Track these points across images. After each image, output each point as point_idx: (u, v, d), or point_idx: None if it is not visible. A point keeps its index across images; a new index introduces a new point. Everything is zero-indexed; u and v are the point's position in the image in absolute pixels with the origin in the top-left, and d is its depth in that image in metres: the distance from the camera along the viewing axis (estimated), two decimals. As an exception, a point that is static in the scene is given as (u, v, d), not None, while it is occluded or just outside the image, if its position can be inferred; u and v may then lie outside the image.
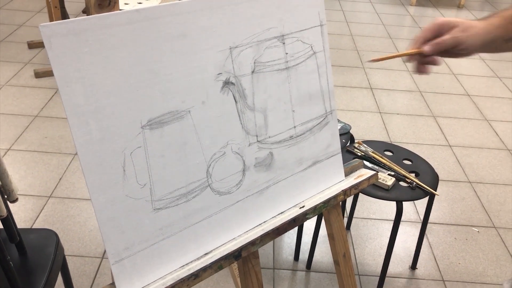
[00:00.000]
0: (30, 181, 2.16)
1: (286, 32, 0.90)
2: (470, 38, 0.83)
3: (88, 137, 0.70)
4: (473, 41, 0.84)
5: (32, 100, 2.76)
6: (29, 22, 3.74)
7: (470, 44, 0.84)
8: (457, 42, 0.83)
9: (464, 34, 0.83)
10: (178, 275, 0.82)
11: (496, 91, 3.32)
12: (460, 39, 0.83)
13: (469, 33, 0.83)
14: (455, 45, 0.84)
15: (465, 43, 0.83)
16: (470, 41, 0.83)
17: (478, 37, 0.84)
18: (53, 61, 0.66)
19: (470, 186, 2.38)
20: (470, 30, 0.83)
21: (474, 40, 0.84)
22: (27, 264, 1.19)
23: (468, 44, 0.84)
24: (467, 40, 0.83)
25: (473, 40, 0.84)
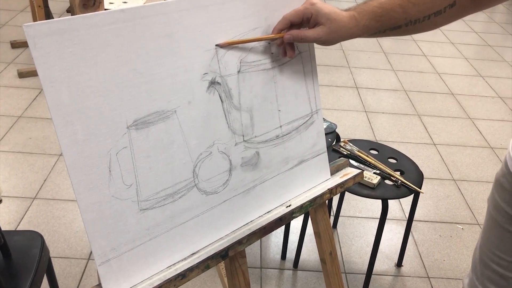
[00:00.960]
0: (14, 183, 2.14)
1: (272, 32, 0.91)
2: (332, 40, 0.85)
3: (73, 137, 0.70)
4: (334, 42, 0.86)
5: (16, 101, 2.73)
6: (12, 21, 3.69)
7: (331, 43, 0.86)
8: (319, 41, 0.85)
9: (327, 37, 0.84)
10: (165, 276, 0.82)
11: (479, 90, 3.37)
12: (322, 39, 0.84)
13: (332, 36, 0.84)
14: (316, 42, 0.86)
15: (326, 43, 0.85)
16: (331, 42, 0.85)
17: (341, 38, 0.85)
18: (38, 61, 0.66)
19: (454, 183, 2.41)
20: (334, 33, 0.84)
21: (335, 42, 0.85)
22: (12, 267, 1.18)
23: (330, 43, 0.86)
24: (328, 41, 0.85)
25: (334, 41, 0.85)
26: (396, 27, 0.85)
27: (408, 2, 0.83)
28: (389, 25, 0.85)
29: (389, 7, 0.83)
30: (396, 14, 0.83)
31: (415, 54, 3.84)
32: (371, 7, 0.84)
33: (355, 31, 0.84)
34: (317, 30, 0.84)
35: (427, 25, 0.85)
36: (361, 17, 0.84)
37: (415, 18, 0.84)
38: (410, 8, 0.83)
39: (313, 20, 0.85)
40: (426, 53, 3.86)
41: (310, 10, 0.84)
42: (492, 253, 0.99)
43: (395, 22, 0.84)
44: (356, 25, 0.84)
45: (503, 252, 0.96)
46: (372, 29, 0.85)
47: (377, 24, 0.84)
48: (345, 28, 0.84)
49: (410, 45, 3.98)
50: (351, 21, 0.84)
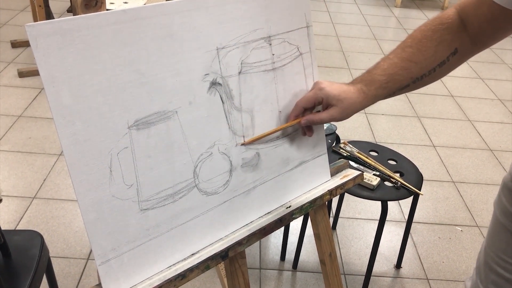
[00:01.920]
0: (14, 182, 2.14)
1: (273, 33, 0.91)
2: (345, 116, 0.89)
3: (74, 137, 0.70)
4: (348, 117, 0.90)
5: (16, 100, 2.73)
6: (12, 21, 3.70)
7: (346, 118, 0.90)
8: (333, 120, 0.90)
9: (341, 115, 0.88)
10: (165, 276, 0.82)
11: (479, 92, 3.38)
12: (336, 119, 0.89)
13: (345, 114, 0.88)
14: (332, 121, 0.91)
15: (342, 120, 0.90)
16: (345, 118, 0.90)
17: (354, 112, 0.89)
18: (39, 61, 0.66)
19: (454, 185, 2.41)
20: (347, 110, 0.88)
21: (349, 116, 0.89)
22: (11, 266, 1.18)
23: (345, 119, 0.90)
24: (342, 118, 0.89)
25: (348, 117, 0.89)
26: (404, 86, 0.88)
27: (409, 62, 0.85)
28: (397, 88, 0.87)
29: (393, 72, 0.86)
30: (400, 76, 0.86)
31: (415, 56, 3.84)
32: (376, 76, 0.87)
33: (365, 103, 0.88)
34: (330, 112, 0.88)
35: (434, 77, 0.88)
36: (368, 88, 0.87)
37: (421, 75, 0.86)
38: (412, 67, 0.85)
39: (325, 103, 0.89)
40: (426, 55, 3.86)
41: (320, 95, 0.89)
42: (497, 256, 0.99)
43: (401, 84, 0.87)
44: (365, 97, 0.87)
45: (509, 256, 0.96)
46: (381, 96, 0.88)
47: (384, 91, 0.87)
48: (356, 103, 0.87)
49: (410, 47, 3.98)
50: (360, 95, 0.87)
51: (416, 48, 0.85)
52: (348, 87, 0.88)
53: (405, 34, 4.25)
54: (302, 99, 0.92)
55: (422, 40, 0.85)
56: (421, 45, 0.85)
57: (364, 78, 0.88)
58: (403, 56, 0.85)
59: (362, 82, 0.88)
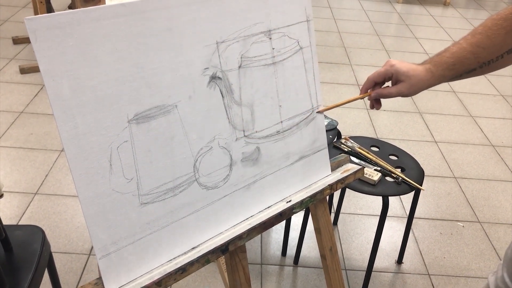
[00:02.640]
0: (16, 178, 2.14)
1: (273, 27, 0.91)
2: (413, 92, 0.96)
3: (74, 131, 0.70)
4: (415, 93, 0.97)
5: (18, 96, 2.73)
6: (14, 17, 3.70)
7: (412, 95, 0.97)
8: (401, 95, 0.96)
9: (408, 91, 0.95)
10: (165, 270, 0.82)
11: (481, 88, 3.37)
12: (403, 93, 0.96)
13: (413, 90, 0.95)
14: (399, 96, 0.97)
15: (408, 95, 0.97)
16: (412, 94, 0.96)
17: (420, 89, 0.96)
18: (39, 54, 0.66)
19: (455, 181, 2.41)
20: (414, 87, 0.94)
21: (416, 93, 0.96)
22: (13, 261, 1.18)
23: (411, 95, 0.97)
24: (409, 94, 0.96)
25: (415, 93, 0.96)
26: (471, 70, 0.92)
27: (478, 47, 0.89)
28: (464, 70, 0.92)
29: (461, 55, 0.90)
30: (468, 60, 0.90)
31: (417, 52, 3.83)
32: (444, 58, 0.92)
33: (432, 81, 0.94)
34: (398, 87, 0.96)
35: (501, 63, 0.91)
36: (436, 68, 0.93)
37: (488, 60, 0.90)
38: (480, 52, 0.89)
39: (394, 79, 0.97)
40: (428, 50, 3.86)
41: (390, 71, 0.96)
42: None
43: (468, 67, 0.91)
44: (432, 76, 0.93)
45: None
46: (447, 77, 0.93)
47: (451, 73, 0.92)
48: (423, 81, 0.94)
49: (412, 43, 3.98)
50: (427, 74, 0.93)
51: (485, 35, 0.89)
52: (417, 66, 0.95)
53: (407, 29, 4.25)
54: (373, 73, 0.99)
55: (492, 27, 0.88)
56: (491, 32, 0.88)
57: (433, 59, 0.94)
58: (472, 41, 0.90)
59: (431, 63, 0.94)
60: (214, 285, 1.73)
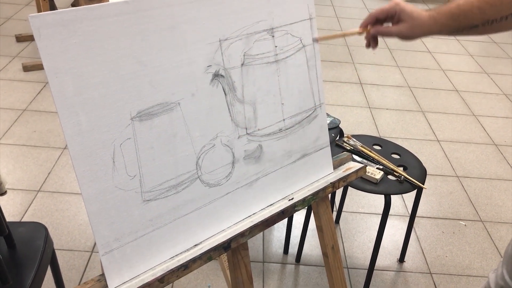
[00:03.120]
0: (19, 175, 2.15)
1: (276, 25, 0.91)
2: (412, 35, 0.93)
3: (77, 128, 0.71)
4: (415, 37, 0.94)
5: (21, 94, 2.74)
6: (17, 15, 3.70)
7: (411, 39, 0.95)
8: (401, 35, 0.94)
9: (408, 32, 0.93)
10: (167, 266, 0.83)
11: (484, 86, 3.36)
12: (404, 34, 0.93)
13: (413, 32, 0.93)
14: (398, 37, 0.95)
15: (408, 38, 0.94)
16: (412, 37, 0.94)
17: (420, 35, 0.93)
18: (42, 51, 0.66)
19: (458, 180, 2.41)
20: (415, 29, 0.92)
21: (416, 37, 0.94)
22: (16, 257, 1.19)
23: (410, 38, 0.95)
24: (409, 36, 0.94)
25: (415, 37, 0.94)
26: (473, 26, 0.90)
27: (485, 3, 0.88)
28: (466, 25, 0.90)
29: (467, 8, 0.89)
30: (473, 14, 0.89)
31: (420, 50, 3.82)
32: (449, 8, 0.90)
33: (433, 28, 0.92)
34: (399, 27, 0.93)
35: (504, 26, 0.90)
36: (440, 16, 0.91)
37: (492, 18, 0.88)
38: (487, 9, 0.88)
39: (397, 18, 0.94)
40: (431, 49, 3.85)
41: (395, 8, 0.94)
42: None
43: (472, 22, 0.90)
44: (435, 23, 0.91)
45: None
46: (449, 27, 0.91)
47: (454, 23, 0.90)
48: (425, 25, 0.91)
49: (415, 42, 3.97)
50: (430, 19, 0.91)
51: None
52: (422, 11, 0.93)
53: (410, 28, 4.23)
54: (377, 9, 0.97)
55: None
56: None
57: (438, 8, 0.93)
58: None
59: (435, 10, 0.92)
60: (216, 283, 1.74)
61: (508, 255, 1.06)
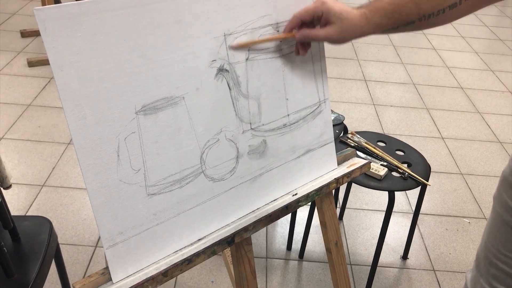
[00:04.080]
0: (23, 170, 2.16)
1: (281, 20, 0.91)
2: (343, 39, 0.84)
3: (82, 122, 0.71)
4: (346, 41, 0.85)
5: (25, 89, 2.75)
6: (22, 10, 3.71)
7: (343, 42, 0.85)
8: (329, 40, 0.85)
9: (338, 35, 0.83)
10: (171, 260, 0.83)
11: (489, 84, 3.34)
12: (333, 38, 0.84)
13: (343, 35, 0.83)
14: (327, 41, 0.85)
15: (338, 42, 0.85)
16: (342, 41, 0.85)
17: (352, 36, 0.84)
18: (48, 45, 0.66)
19: (462, 177, 2.40)
20: (345, 32, 0.83)
21: (346, 40, 0.85)
22: (21, 251, 1.19)
23: (341, 42, 0.85)
24: (339, 40, 0.84)
25: (345, 40, 0.84)
26: (409, 22, 0.83)
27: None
28: (402, 21, 0.83)
29: (402, 3, 0.81)
30: (408, 9, 0.82)
31: (425, 47, 3.81)
32: (383, 4, 0.82)
33: (366, 29, 0.83)
34: (327, 29, 0.83)
35: (441, 19, 0.83)
36: (372, 14, 0.83)
37: (429, 13, 0.82)
38: (423, 2, 0.81)
39: (324, 19, 0.84)
40: (436, 46, 3.83)
41: (320, 8, 0.84)
42: (498, 251, 0.98)
43: (407, 18, 0.82)
44: (367, 23, 0.83)
45: (509, 251, 0.95)
46: (384, 26, 0.83)
47: (389, 21, 0.83)
48: (356, 26, 0.83)
49: (419, 39, 3.95)
50: (362, 19, 0.83)
51: None
52: (352, 9, 0.84)
53: (415, 25, 4.21)
54: (300, 10, 0.86)
55: None
56: None
57: (370, 4, 0.84)
58: None
59: (368, 7, 0.83)
60: (219, 278, 1.74)
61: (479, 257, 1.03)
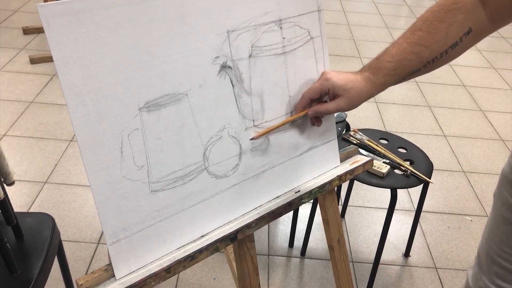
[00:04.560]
0: (26, 167, 2.16)
1: (284, 17, 0.91)
2: (353, 106, 0.88)
3: (85, 118, 0.71)
4: (356, 106, 0.88)
5: (28, 86, 2.75)
6: (24, 7, 3.71)
7: (354, 108, 0.88)
8: (341, 110, 0.89)
9: (348, 106, 0.87)
10: (174, 257, 0.83)
11: (491, 82, 3.34)
12: (343, 109, 0.88)
13: (353, 104, 0.87)
14: (339, 111, 0.89)
15: (349, 109, 0.88)
16: (352, 108, 0.88)
17: (361, 101, 0.88)
18: (51, 41, 0.66)
19: (464, 175, 2.40)
20: (354, 100, 0.86)
21: (356, 106, 0.88)
22: (24, 247, 1.20)
23: (352, 109, 0.89)
24: (350, 108, 0.88)
25: (355, 106, 0.88)
26: (415, 71, 0.84)
27: (419, 46, 0.81)
28: (407, 73, 0.84)
29: (402, 57, 0.82)
30: (410, 62, 0.83)
31: (427, 45, 3.80)
32: (384, 63, 0.84)
33: (373, 91, 0.86)
34: (337, 102, 0.87)
35: (446, 60, 0.84)
36: (376, 76, 0.84)
37: (432, 58, 0.83)
38: (423, 51, 0.82)
39: (331, 93, 0.88)
40: (438, 44, 3.82)
41: (326, 85, 0.88)
42: (500, 249, 0.98)
43: (411, 69, 0.84)
44: (373, 86, 0.85)
45: (511, 248, 0.95)
46: (390, 82, 0.85)
47: (393, 78, 0.84)
48: (363, 92, 0.85)
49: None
50: (367, 84, 0.85)
51: (426, 31, 0.81)
52: (355, 76, 0.86)
53: (417, 23, 4.20)
54: (308, 90, 0.91)
55: (433, 22, 0.81)
56: (431, 27, 0.81)
57: (372, 65, 0.86)
58: (413, 40, 0.82)
59: (370, 70, 0.85)
60: (221, 276, 1.74)
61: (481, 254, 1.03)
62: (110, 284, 0.78)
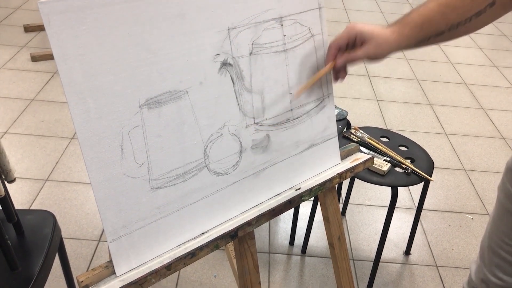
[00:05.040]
0: (27, 165, 2.16)
1: (285, 14, 0.91)
2: (381, 53, 0.88)
3: (86, 115, 0.71)
4: (384, 55, 0.88)
5: (29, 84, 2.75)
6: (25, 5, 3.71)
7: (380, 58, 0.89)
8: (368, 57, 0.88)
9: (375, 50, 0.87)
10: (175, 254, 0.83)
11: (493, 80, 3.33)
12: (371, 55, 0.88)
13: (381, 50, 0.87)
14: (366, 59, 0.89)
15: (376, 58, 0.89)
16: (380, 55, 0.88)
17: (389, 51, 0.88)
18: (52, 38, 0.66)
19: (465, 173, 2.40)
20: (381, 46, 0.87)
21: (384, 54, 0.88)
22: (25, 244, 1.20)
23: (379, 58, 0.89)
24: (377, 56, 0.88)
25: (383, 54, 0.88)
26: (439, 33, 0.87)
27: (446, 7, 0.84)
28: (432, 32, 0.86)
29: (429, 15, 0.85)
30: (437, 21, 0.85)
31: (429, 43, 3.79)
32: (411, 18, 0.87)
33: (400, 41, 0.87)
34: (364, 48, 0.87)
35: (469, 28, 0.87)
36: (403, 28, 0.87)
37: (457, 22, 0.85)
38: (449, 13, 0.84)
39: (359, 41, 0.88)
40: (440, 42, 3.82)
41: (353, 32, 0.88)
42: (501, 240, 0.99)
43: (437, 29, 0.86)
44: (400, 36, 0.87)
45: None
46: (415, 37, 0.87)
47: (420, 33, 0.86)
48: (390, 40, 0.87)
49: (423, 34, 3.93)
50: (393, 33, 0.87)
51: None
52: (382, 27, 0.88)
53: (419, 21, 4.19)
54: (334, 39, 0.91)
55: None
56: None
57: (399, 20, 0.88)
58: (441, 1, 0.85)
59: (397, 24, 0.88)
60: (222, 273, 1.75)
61: (483, 247, 1.06)
62: (111, 281, 0.78)
